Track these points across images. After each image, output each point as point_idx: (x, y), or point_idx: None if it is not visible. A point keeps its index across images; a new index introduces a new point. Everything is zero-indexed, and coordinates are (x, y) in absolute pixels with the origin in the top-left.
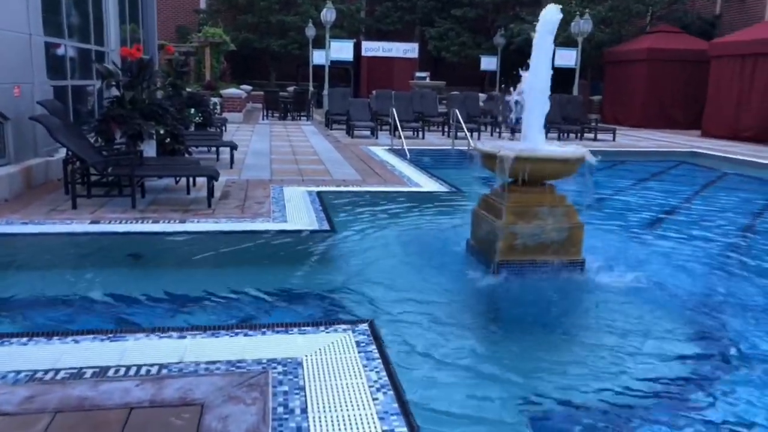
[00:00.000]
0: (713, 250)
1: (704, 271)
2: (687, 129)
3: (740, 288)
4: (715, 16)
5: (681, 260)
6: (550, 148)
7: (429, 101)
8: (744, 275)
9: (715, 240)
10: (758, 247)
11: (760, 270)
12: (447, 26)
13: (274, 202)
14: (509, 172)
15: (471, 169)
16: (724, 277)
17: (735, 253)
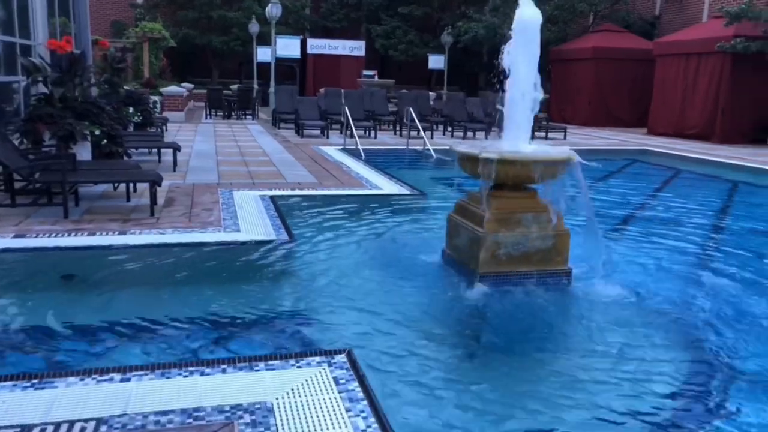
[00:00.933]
0: (692, 252)
1: (693, 278)
2: (632, 127)
3: (736, 300)
4: (654, 17)
5: (666, 266)
6: (534, 149)
7: (379, 100)
8: (737, 284)
9: (692, 242)
10: (739, 250)
11: (750, 278)
12: (394, 24)
13: (224, 208)
14: (492, 176)
15: (428, 169)
16: (713, 285)
17: (719, 256)
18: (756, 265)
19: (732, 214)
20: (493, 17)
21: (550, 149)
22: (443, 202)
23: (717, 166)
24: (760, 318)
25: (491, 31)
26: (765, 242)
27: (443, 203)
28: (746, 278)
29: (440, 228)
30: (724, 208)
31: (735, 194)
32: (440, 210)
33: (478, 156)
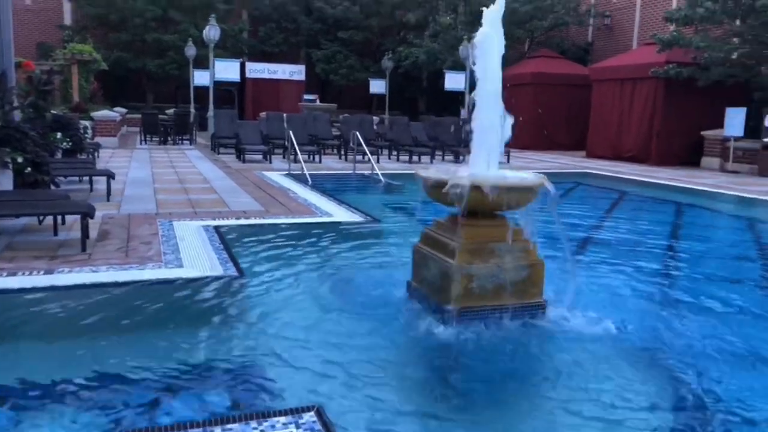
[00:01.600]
0: (661, 278)
1: (669, 307)
2: (571, 150)
3: (712, 330)
4: (587, 43)
5: (638, 294)
6: (504, 174)
7: (322, 124)
8: (709, 313)
9: (659, 267)
10: (700, 274)
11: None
12: (334, 49)
13: (164, 241)
14: (463, 203)
15: (378, 193)
16: (689, 315)
17: (686, 283)
18: (724, 291)
19: (685, 237)
20: (433, 43)
21: (520, 174)
22: (398, 229)
23: (659, 187)
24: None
25: (432, 57)
26: (724, 265)
27: (399, 230)
28: (717, 307)
29: (400, 258)
30: (676, 230)
31: (682, 216)
32: (396, 237)
33: (448, 182)
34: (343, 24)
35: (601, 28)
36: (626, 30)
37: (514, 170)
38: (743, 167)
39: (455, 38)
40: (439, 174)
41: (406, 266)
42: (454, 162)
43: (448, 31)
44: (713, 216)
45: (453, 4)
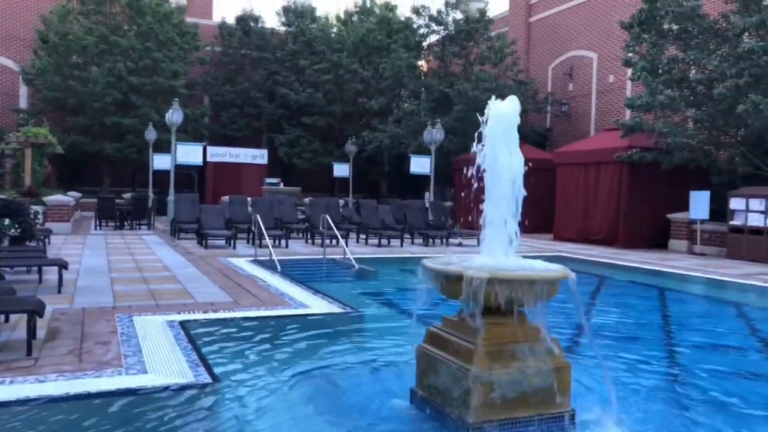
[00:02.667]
0: (679, 376)
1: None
2: (534, 233)
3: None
4: (546, 129)
5: (659, 396)
6: (526, 264)
7: (288, 207)
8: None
9: (670, 362)
10: (711, 368)
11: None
12: (297, 133)
13: (124, 341)
14: (481, 298)
15: (352, 281)
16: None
17: (707, 379)
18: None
19: (681, 325)
20: (396, 128)
21: (538, 265)
22: (382, 322)
23: (635, 271)
24: None
25: (395, 141)
26: (730, 359)
27: (382, 322)
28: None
29: (392, 356)
30: (668, 319)
31: (668, 302)
32: (382, 331)
33: (463, 274)
34: (307, 110)
35: (559, 115)
36: (584, 117)
37: (520, 257)
38: (711, 249)
39: (418, 123)
40: (450, 265)
41: (401, 367)
42: (424, 245)
43: (411, 116)
44: (700, 301)
45: (415, 91)
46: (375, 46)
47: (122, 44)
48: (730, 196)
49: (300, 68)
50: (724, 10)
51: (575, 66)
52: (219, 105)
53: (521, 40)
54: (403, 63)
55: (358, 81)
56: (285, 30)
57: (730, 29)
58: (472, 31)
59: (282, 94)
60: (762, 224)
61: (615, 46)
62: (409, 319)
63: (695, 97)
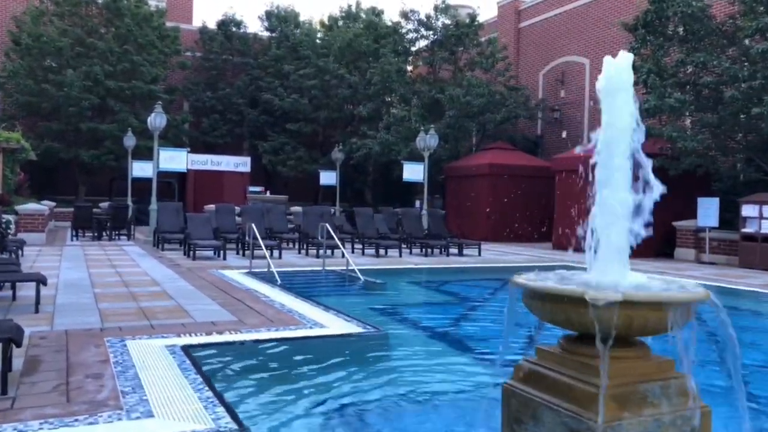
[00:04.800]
0: None
1: None
2: (530, 241)
3: None
4: (537, 136)
5: None
6: (659, 284)
7: (277, 216)
8: None
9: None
10: None
11: None
12: (282, 140)
13: (119, 372)
14: (613, 326)
15: (360, 294)
16: None
17: None
18: None
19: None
20: (386, 135)
21: (678, 283)
22: (414, 344)
23: None
24: None
25: (386, 147)
26: None
27: (414, 345)
28: None
29: (444, 389)
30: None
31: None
32: (417, 357)
33: (584, 296)
34: (292, 116)
35: (551, 121)
36: (576, 123)
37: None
38: (720, 258)
39: (409, 129)
40: (553, 282)
41: (461, 405)
42: (423, 256)
43: (401, 122)
44: (747, 315)
45: (405, 97)
46: (362, 51)
47: (99, 47)
48: (742, 203)
49: (284, 73)
50: (730, 12)
51: (567, 72)
52: (200, 111)
53: (511, 46)
54: (392, 68)
55: (345, 86)
56: (268, 35)
57: (740, 31)
58: (462, 36)
59: (265, 100)
60: None
61: (608, 51)
62: (441, 342)
63: (702, 101)
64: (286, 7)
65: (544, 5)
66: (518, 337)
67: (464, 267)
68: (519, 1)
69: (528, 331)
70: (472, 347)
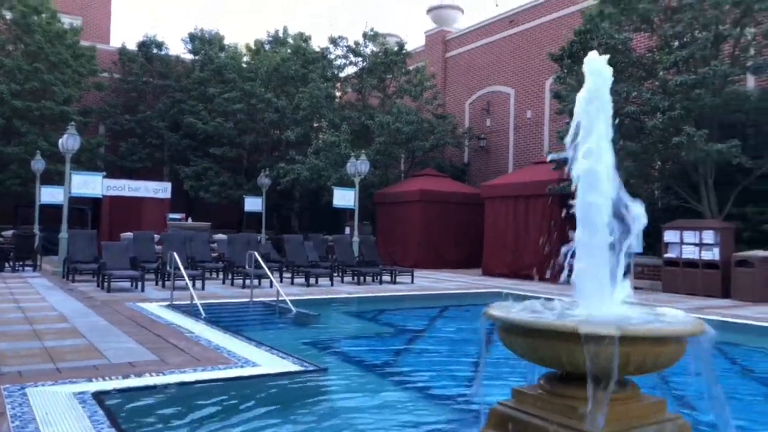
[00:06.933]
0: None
1: None
2: (460, 268)
3: None
4: (464, 164)
5: None
6: (650, 316)
7: (200, 245)
8: None
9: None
10: None
11: None
12: (205, 165)
13: (17, 429)
14: (612, 364)
15: (291, 328)
16: None
17: None
18: None
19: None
20: (315, 160)
21: (669, 314)
22: (358, 383)
23: None
24: None
25: (315, 173)
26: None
27: (362, 387)
28: None
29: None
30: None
31: None
32: (366, 399)
33: (577, 331)
34: (216, 140)
35: (478, 149)
36: (502, 151)
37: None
38: (644, 283)
39: (339, 155)
40: (533, 314)
41: None
42: (356, 284)
43: (331, 148)
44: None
45: (334, 122)
46: (290, 76)
47: (6, 64)
48: (665, 229)
49: (208, 97)
50: (649, 45)
51: (492, 101)
52: (117, 134)
53: (439, 74)
54: (321, 93)
55: (272, 111)
56: (191, 58)
57: (659, 64)
58: (390, 64)
59: (188, 124)
60: (696, 257)
61: (532, 81)
62: (385, 378)
63: (625, 130)
64: (210, 30)
65: (469, 36)
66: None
67: (399, 295)
68: (445, 31)
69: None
70: (417, 382)
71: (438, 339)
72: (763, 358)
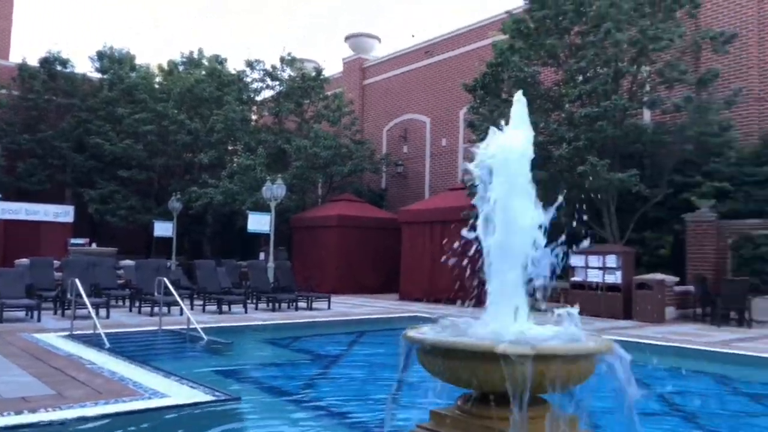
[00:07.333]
0: None
1: None
2: (378, 293)
3: None
4: (382, 190)
5: None
6: (562, 333)
7: (105, 271)
8: None
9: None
10: None
11: None
12: (112, 188)
13: None
14: (527, 382)
15: (203, 357)
16: None
17: None
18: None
19: None
20: (230, 184)
21: (575, 332)
22: (273, 413)
23: None
24: None
25: (229, 197)
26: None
27: (278, 417)
28: None
29: None
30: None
31: None
32: (278, 424)
33: (493, 350)
34: (125, 162)
35: (395, 175)
36: (419, 178)
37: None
38: (552, 306)
39: (254, 179)
40: (447, 334)
41: None
42: (271, 310)
43: (246, 171)
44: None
45: (249, 145)
46: (204, 98)
47: None
48: (571, 253)
49: (117, 117)
50: (555, 79)
51: (409, 129)
52: (15, 154)
53: (357, 101)
54: (236, 116)
55: (185, 133)
56: (99, 77)
57: (564, 97)
58: (308, 89)
59: (94, 144)
60: (600, 280)
61: (447, 111)
62: (300, 407)
63: (533, 159)
64: (120, 48)
65: (386, 64)
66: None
67: (315, 321)
68: (363, 59)
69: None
70: (333, 408)
71: (355, 364)
72: (663, 376)
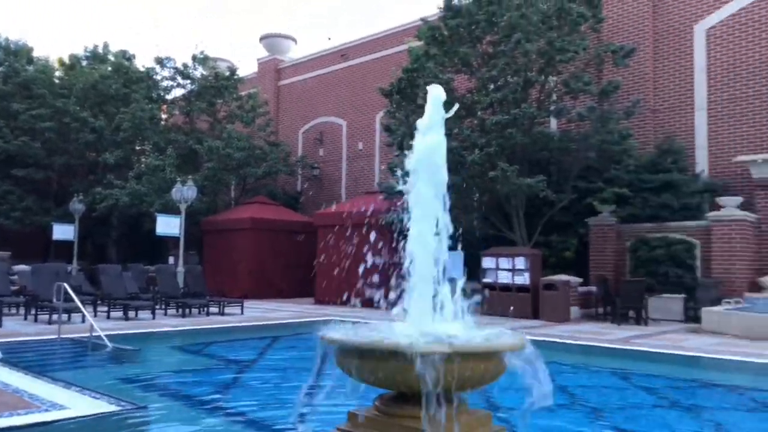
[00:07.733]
0: None
1: None
2: (293, 297)
3: None
4: (297, 192)
5: None
6: (478, 332)
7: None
8: None
9: None
10: None
11: None
12: (5, 188)
13: None
14: (441, 381)
15: (107, 365)
16: None
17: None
18: None
19: None
20: (137, 185)
21: (487, 330)
22: (183, 421)
23: None
24: None
25: (136, 199)
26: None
27: (183, 423)
28: None
29: None
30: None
31: None
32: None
33: (410, 349)
34: (20, 161)
35: (311, 178)
36: (335, 181)
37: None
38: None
39: (164, 180)
40: (364, 335)
41: None
42: (181, 316)
43: (155, 172)
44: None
45: (158, 145)
46: (110, 95)
47: None
48: (483, 256)
49: (12, 113)
50: (469, 87)
51: (326, 131)
52: None
53: (272, 102)
54: (145, 114)
55: (88, 131)
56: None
57: (477, 104)
58: (221, 89)
59: None
60: (510, 281)
61: (363, 114)
62: (213, 413)
63: (447, 164)
64: (17, 40)
65: (302, 66)
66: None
67: (227, 327)
68: (279, 60)
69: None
70: (245, 413)
71: (268, 368)
72: (569, 372)
